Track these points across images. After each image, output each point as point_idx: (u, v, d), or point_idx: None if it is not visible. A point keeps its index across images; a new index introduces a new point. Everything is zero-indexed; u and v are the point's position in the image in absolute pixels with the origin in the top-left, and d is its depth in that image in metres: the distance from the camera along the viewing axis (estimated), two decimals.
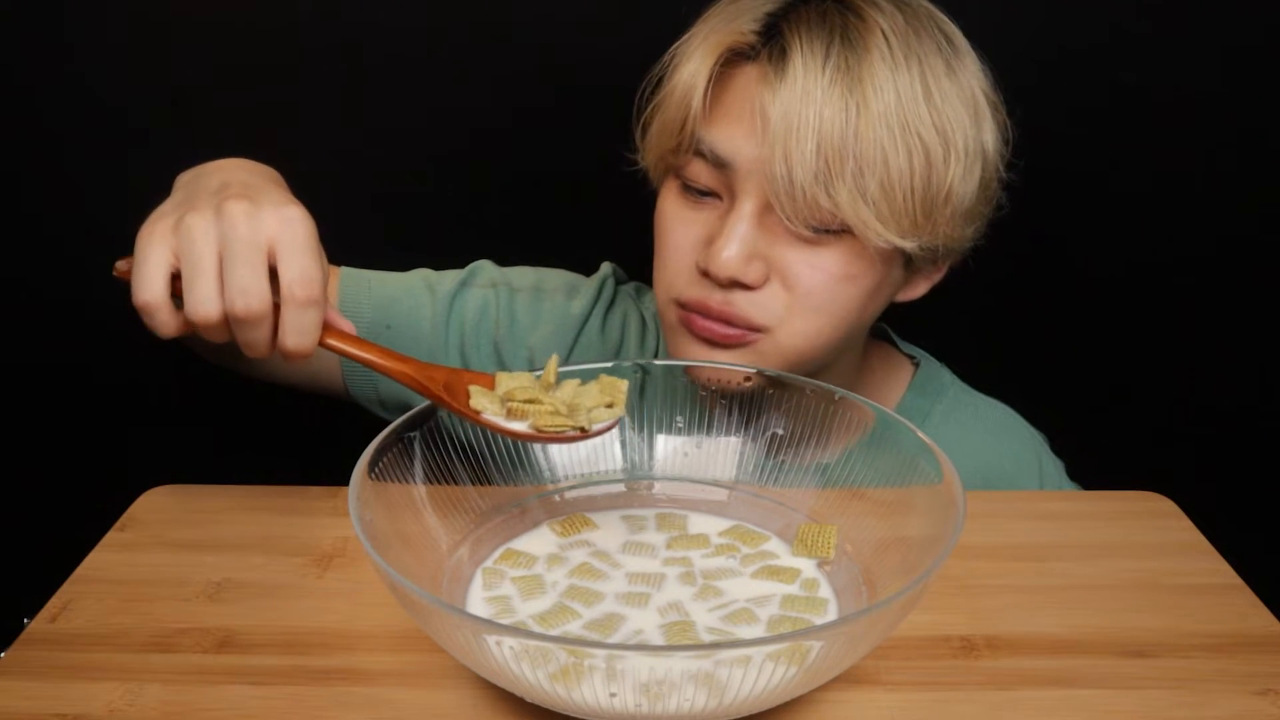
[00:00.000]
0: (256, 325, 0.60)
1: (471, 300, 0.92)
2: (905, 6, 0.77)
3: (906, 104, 0.73)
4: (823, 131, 0.72)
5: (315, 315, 0.61)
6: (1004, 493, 0.78)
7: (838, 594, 0.59)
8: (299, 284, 0.60)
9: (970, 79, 0.77)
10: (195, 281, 0.59)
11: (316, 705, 0.55)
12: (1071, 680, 0.57)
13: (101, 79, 1.09)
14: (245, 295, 0.59)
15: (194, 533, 0.68)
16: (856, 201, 0.72)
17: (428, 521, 0.60)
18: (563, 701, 0.48)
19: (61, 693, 0.55)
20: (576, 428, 0.63)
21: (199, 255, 0.59)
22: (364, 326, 0.88)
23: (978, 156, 0.76)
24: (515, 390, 0.64)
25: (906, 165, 0.73)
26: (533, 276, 0.95)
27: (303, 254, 0.60)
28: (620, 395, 0.66)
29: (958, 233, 0.78)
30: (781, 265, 0.75)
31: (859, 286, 0.76)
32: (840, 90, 0.72)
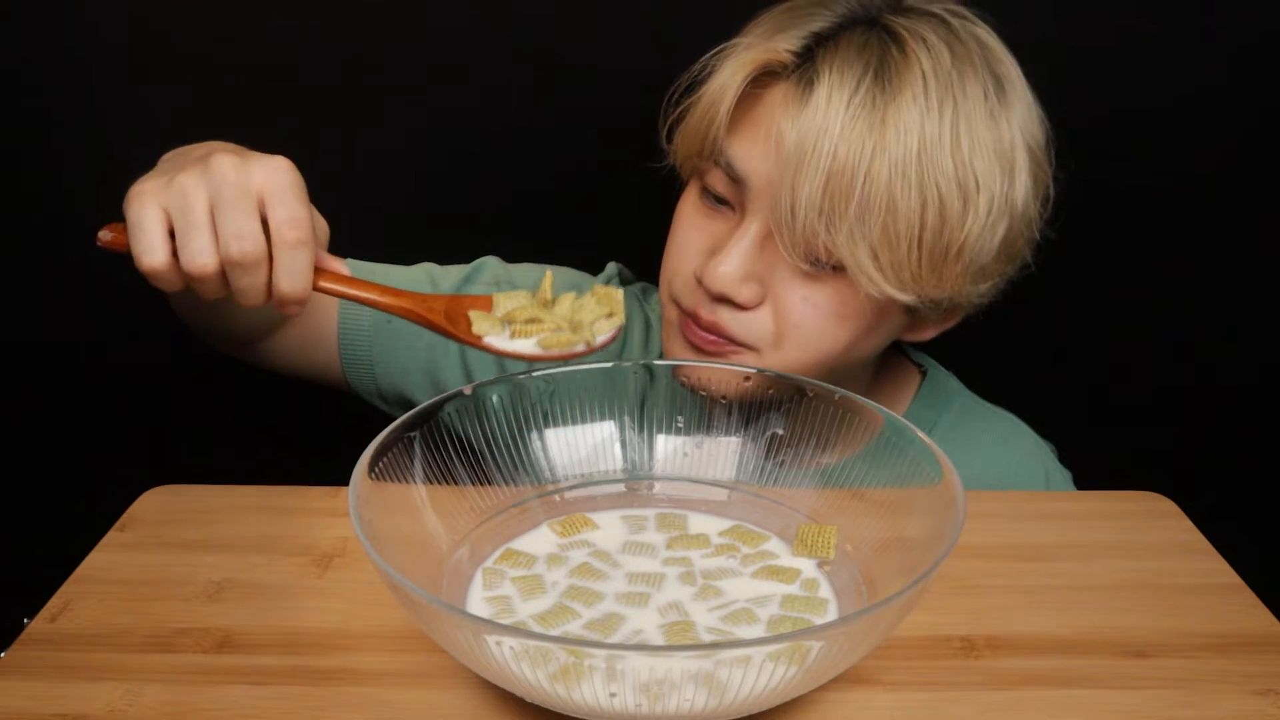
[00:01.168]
0: (252, 270, 0.61)
1: None
2: (958, 44, 0.74)
3: (930, 151, 0.70)
4: (834, 166, 0.70)
5: (306, 256, 0.61)
6: (1004, 493, 0.78)
7: (838, 594, 0.59)
8: (288, 225, 0.60)
9: (1013, 129, 0.74)
10: (190, 234, 0.60)
11: (316, 705, 0.55)
12: (1071, 680, 0.57)
13: (103, 82, 1.09)
14: (240, 239, 0.60)
15: (194, 533, 0.68)
16: (856, 244, 0.71)
17: (428, 521, 0.60)
18: (563, 701, 0.48)
19: (61, 693, 0.55)
20: (582, 342, 0.64)
21: (191, 208, 0.60)
22: (365, 321, 0.88)
23: (1003, 214, 0.73)
24: (515, 311, 0.64)
25: (917, 215, 0.71)
26: (537, 274, 0.95)
27: (291, 198, 0.61)
28: (618, 304, 0.67)
29: (968, 289, 0.75)
30: (776, 292, 0.75)
31: (850, 328, 0.76)
32: (861, 127, 0.70)
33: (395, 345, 0.89)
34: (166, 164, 0.66)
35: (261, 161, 0.61)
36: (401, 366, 0.90)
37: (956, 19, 0.76)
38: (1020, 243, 0.77)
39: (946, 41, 0.74)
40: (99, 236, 0.64)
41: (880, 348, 0.81)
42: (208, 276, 0.61)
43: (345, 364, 0.89)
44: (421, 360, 0.90)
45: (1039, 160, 0.76)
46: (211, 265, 0.60)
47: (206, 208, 0.60)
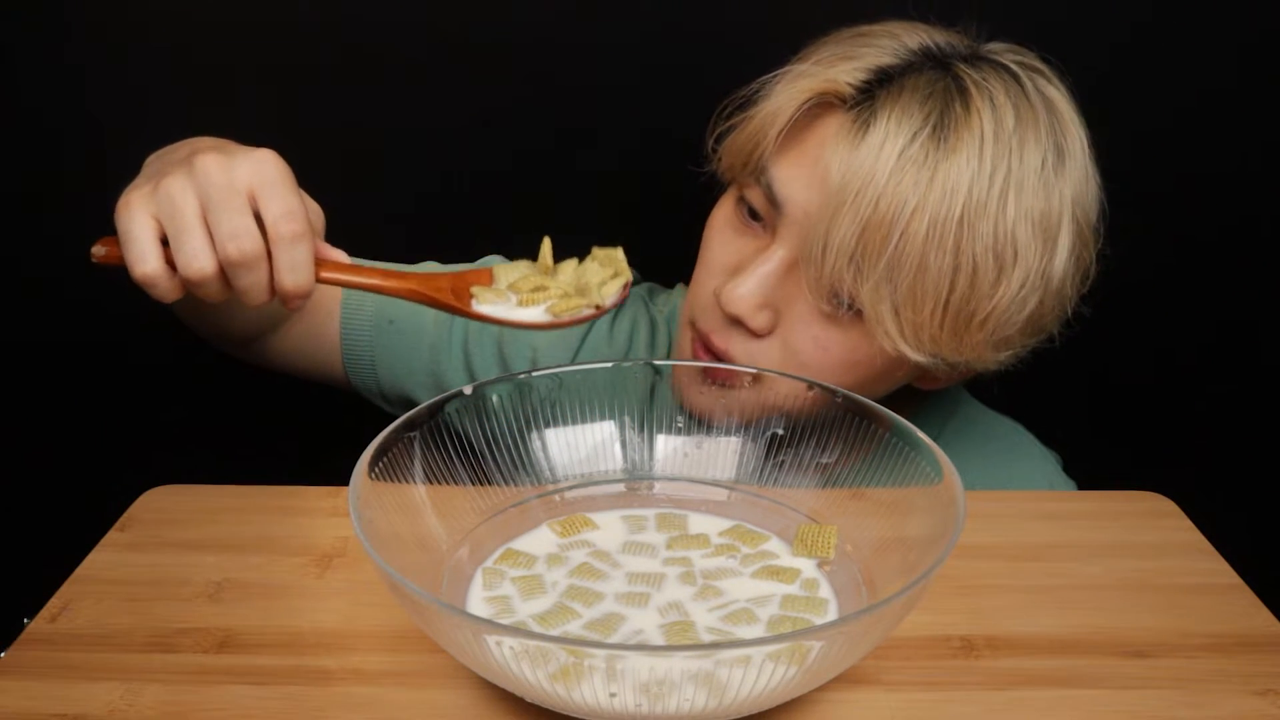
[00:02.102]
0: (252, 268, 0.60)
1: None
2: (1025, 105, 0.71)
3: (972, 215, 0.68)
4: (873, 216, 0.68)
5: (305, 249, 0.60)
6: (1004, 493, 0.78)
7: (838, 594, 0.59)
8: (284, 220, 0.59)
9: (1064, 199, 0.71)
10: (183, 238, 0.59)
11: (316, 705, 0.55)
12: (1071, 680, 0.57)
13: (105, 85, 1.09)
14: (236, 239, 0.59)
15: (194, 533, 0.68)
16: (880, 297, 0.70)
17: (428, 521, 0.60)
18: (563, 701, 0.48)
19: (61, 693, 0.55)
20: (592, 305, 0.64)
21: (181, 213, 0.59)
22: (367, 320, 0.88)
23: (1037, 288, 0.71)
24: (519, 281, 0.63)
25: (947, 280, 0.69)
26: None
27: (282, 191, 0.60)
28: (621, 263, 0.66)
29: (986, 355, 0.74)
30: (789, 326, 0.74)
31: (856, 375, 0.75)
32: (908, 181, 0.68)
33: (397, 345, 0.89)
34: (151, 168, 0.66)
35: (246, 155, 0.60)
36: (404, 366, 0.90)
37: (1030, 75, 0.73)
38: (1050, 317, 0.75)
39: (1014, 102, 0.71)
40: (93, 252, 0.63)
41: (884, 394, 0.79)
42: (207, 280, 0.60)
43: (347, 364, 0.89)
44: (424, 360, 0.90)
45: (1085, 237, 0.73)
46: (210, 268, 0.59)
47: (197, 210, 0.59)
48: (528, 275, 0.64)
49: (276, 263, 0.60)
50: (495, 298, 0.63)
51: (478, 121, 1.12)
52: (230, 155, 0.60)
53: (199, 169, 0.59)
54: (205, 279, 0.60)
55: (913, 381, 0.81)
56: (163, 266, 0.60)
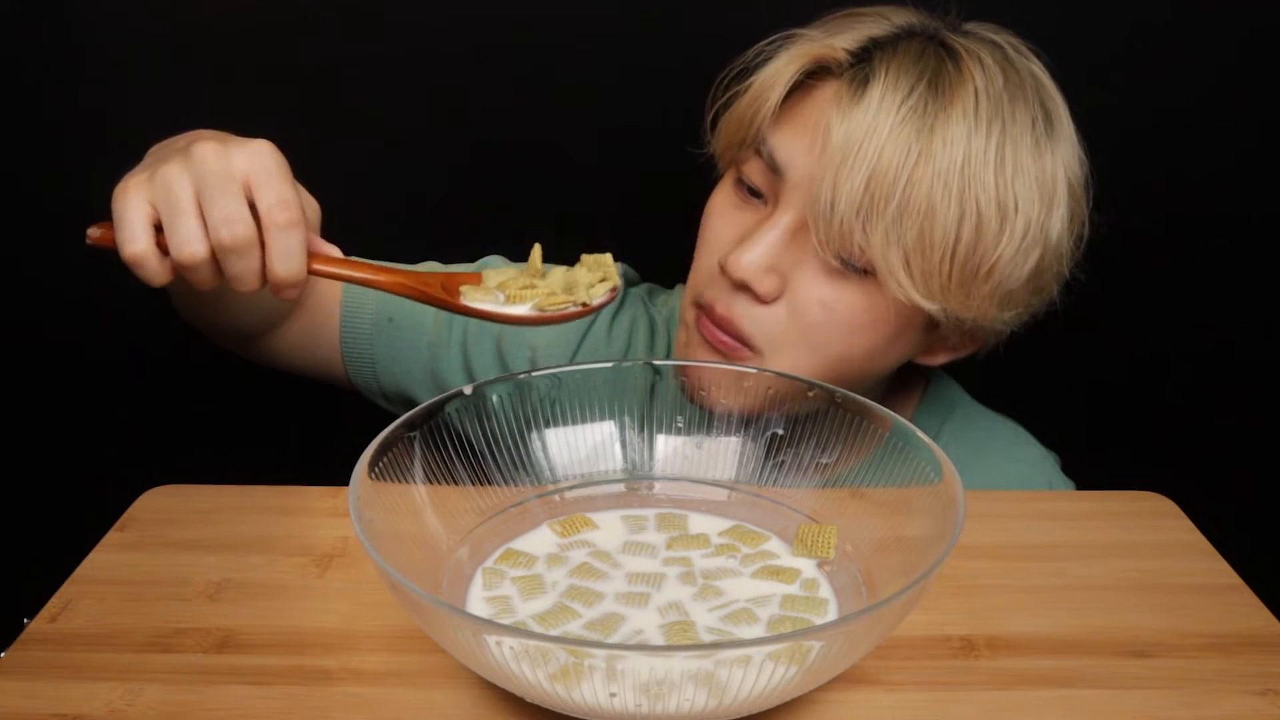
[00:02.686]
0: (243, 254, 0.60)
1: None
2: (1012, 71, 0.75)
3: (974, 166, 0.71)
4: (877, 166, 0.70)
5: (298, 237, 0.61)
6: (1004, 492, 0.78)
7: (838, 594, 0.59)
8: (277, 208, 0.60)
9: (1056, 163, 0.74)
10: (177, 222, 0.60)
11: (316, 705, 0.55)
12: (1071, 680, 0.57)
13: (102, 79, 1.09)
14: (229, 224, 0.59)
15: (194, 533, 0.68)
16: (889, 246, 0.71)
17: (428, 521, 0.60)
18: (563, 701, 0.48)
19: (61, 693, 0.55)
20: (579, 303, 0.65)
21: (176, 198, 0.59)
22: (367, 318, 0.88)
23: (1037, 242, 0.74)
24: (507, 281, 0.65)
25: (954, 227, 0.71)
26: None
27: (277, 180, 0.60)
28: (610, 268, 0.67)
29: (992, 312, 0.75)
30: (797, 289, 0.75)
31: (864, 338, 0.75)
32: (909, 132, 0.71)
33: (397, 344, 0.89)
34: (151, 158, 0.66)
35: (243, 145, 0.61)
36: (403, 366, 0.90)
37: (1013, 50, 0.76)
38: (1049, 275, 0.77)
39: (1001, 66, 0.74)
40: (88, 234, 0.64)
41: (891, 367, 0.80)
42: (198, 264, 0.60)
43: (347, 362, 0.89)
44: (424, 359, 0.90)
45: (1077, 198, 0.76)
46: (202, 252, 0.60)
47: (192, 196, 0.60)
48: (516, 277, 0.66)
49: (269, 250, 0.60)
50: (484, 295, 0.65)
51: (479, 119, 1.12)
52: (227, 144, 0.61)
53: (196, 156, 0.60)
54: (196, 263, 0.60)
55: (917, 357, 0.81)
56: (152, 247, 0.61)
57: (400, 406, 0.94)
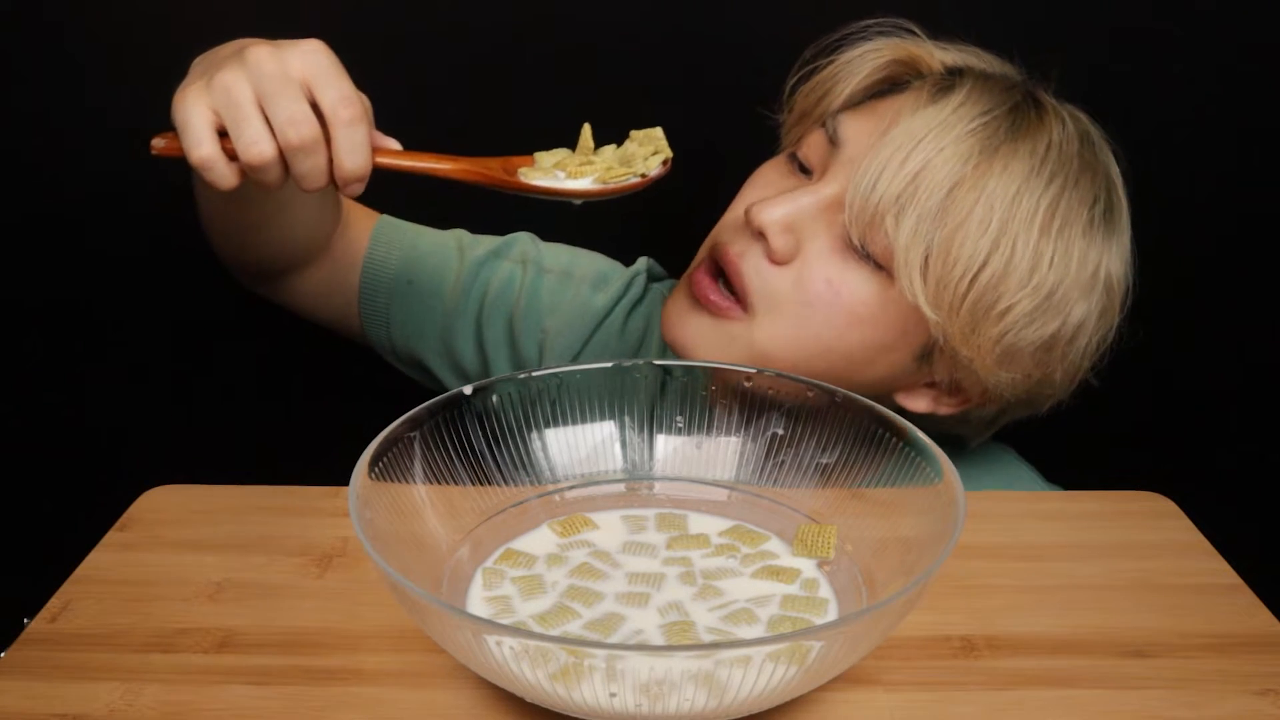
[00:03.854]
0: (311, 152, 0.62)
1: (499, 272, 0.92)
2: (1089, 147, 0.74)
3: (1023, 207, 0.70)
4: (931, 162, 0.70)
5: (363, 132, 0.62)
6: (1004, 493, 0.78)
7: (838, 594, 0.59)
8: (341, 104, 0.61)
9: (1104, 254, 0.73)
10: (243, 126, 0.61)
11: (316, 705, 0.55)
12: (1071, 680, 0.57)
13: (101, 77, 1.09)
14: (295, 124, 0.61)
15: (194, 533, 0.68)
16: (915, 241, 0.70)
17: (428, 521, 0.60)
18: (563, 701, 0.48)
19: (61, 693, 0.55)
20: (637, 174, 0.67)
21: (238, 102, 0.61)
22: (388, 278, 0.89)
23: (1059, 314, 0.72)
24: (564, 160, 0.67)
25: (983, 253, 0.70)
26: (566, 259, 0.95)
27: (335, 77, 0.62)
28: (662, 141, 0.69)
29: (990, 362, 0.73)
30: (808, 260, 0.74)
31: (857, 333, 0.75)
32: (973, 145, 0.71)
33: (413, 305, 0.89)
34: (199, 67, 0.67)
35: (295, 46, 0.62)
36: (417, 328, 0.90)
37: (1097, 135, 0.77)
38: (1058, 360, 0.75)
39: (1080, 137, 0.74)
40: (152, 144, 0.65)
41: (871, 384, 0.78)
42: (267, 164, 0.62)
43: (364, 317, 0.90)
44: (438, 325, 0.90)
45: (1114, 299, 0.75)
46: (270, 152, 0.61)
47: (253, 98, 0.61)
48: (571, 155, 0.68)
49: (336, 146, 0.62)
50: (542, 174, 0.67)
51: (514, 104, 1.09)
52: (280, 46, 0.62)
53: (251, 60, 0.61)
54: (265, 163, 0.62)
55: (898, 392, 0.79)
56: (219, 150, 0.62)
57: (410, 368, 0.95)
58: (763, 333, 0.75)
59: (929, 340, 0.75)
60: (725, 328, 0.76)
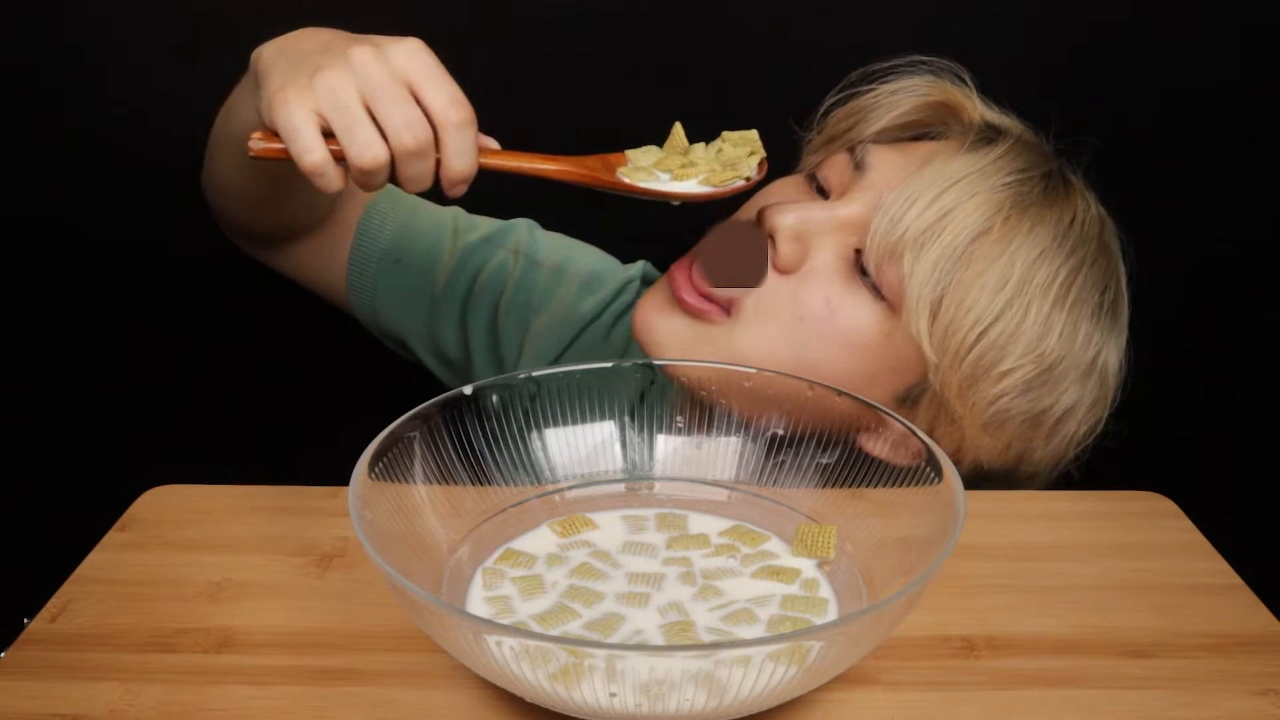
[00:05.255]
0: (424, 156, 0.62)
1: (490, 260, 0.91)
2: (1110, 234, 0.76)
3: (1041, 274, 0.70)
4: (960, 209, 0.70)
5: (472, 134, 0.62)
6: (1004, 492, 0.78)
7: (838, 594, 0.59)
8: (452, 106, 0.61)
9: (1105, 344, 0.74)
10: (354, 130, 0.60)
11: (316, 705, 0.55)
12: (1071, 680, 0.57)
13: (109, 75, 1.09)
14: (410, 129, 0.60)
15: (194, 533, 0.68)
16: (929, 282, 0.69)
17: (428, 521, 0.60)
18: (563, 701, 0.48)
19: (61, 693, 0.55)
20: (742, 177, 0.67)
21: (347, 105, 0.60)
22: (378, 252, 0.89)
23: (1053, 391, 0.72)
24: (664, 160, 0.67)
25: (995, 310, 0.69)
26: (561, 254, 0.94)
27: (442, 78, 0.62)
28: (756, 142, 0.69)
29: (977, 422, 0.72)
30: (811, 275, 0.73)
31: (845, 358, 0.73)
32: (1003, 202, 0.70)
33: (398, 286, 0.89)
34: (281, 63, 0.65)
35: (396, 45, 0.61)
36: (402, 309, 0.90)
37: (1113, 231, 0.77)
38: (1038, 443, 0.75)
39: (1100, 222, 0.75)
40: (250, 146, 0.64)
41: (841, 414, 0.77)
42: (380, 168, 0.61)
43: (351, 291, 0.90)
44: (423, 309, 0.90)
45: (1106, 391, 0.76)
46: (384, 157, 0.61)
47: (360, 101, 0.60)
48: (668, 155, 0.68)
49: (445, 149, 0.61)
50: (644, 176, 0.66)
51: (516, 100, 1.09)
52: (379, 46, 0.61)
53: (355, 61, 0.60)
54: (379, 167, 0.61)
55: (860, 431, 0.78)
56: (329, 155, 0.61)
57: (398, 347, 0.94)
58: (745, 339, 0.74)
59: (915, 384, 0.74)
60: (701, 329, 0.75)
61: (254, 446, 1.13)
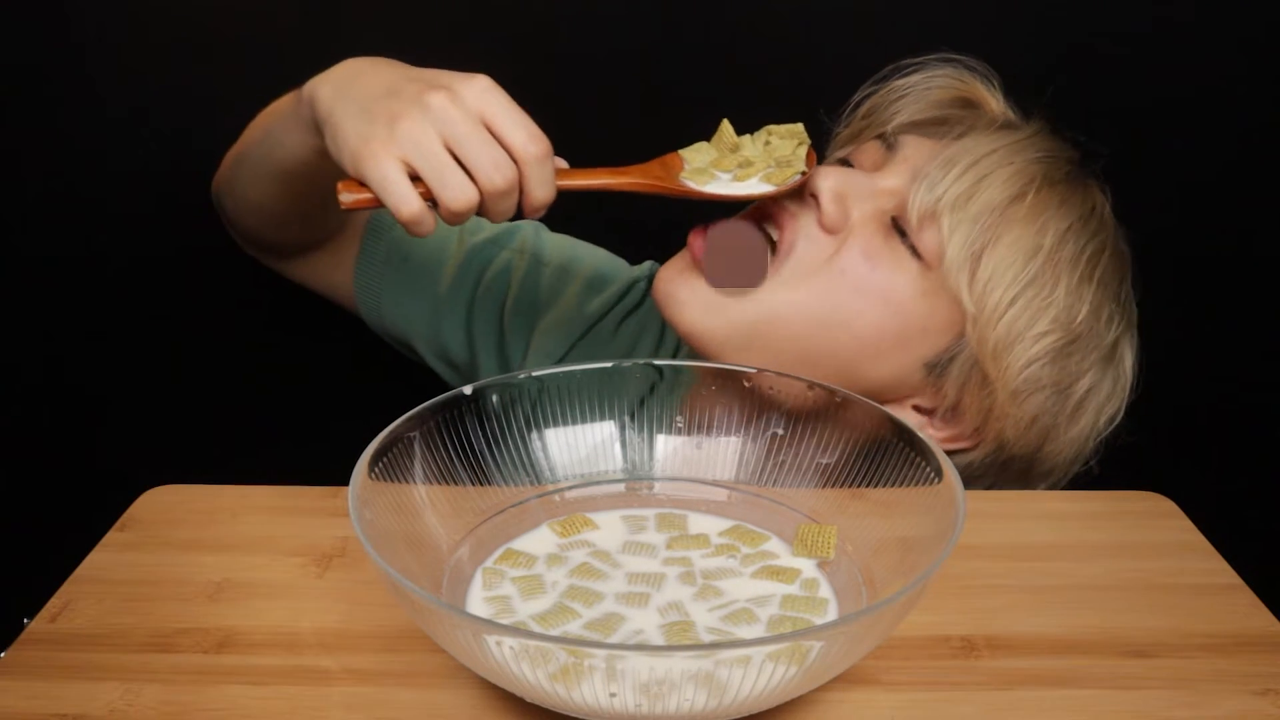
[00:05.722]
0: (512, 193, 0.64)
1: (496, 260, 0.92)
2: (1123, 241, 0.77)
3: (1069, 250, 0.72)
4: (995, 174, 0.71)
5: (551, 164, 0.64)
6: (1004, 492, 0.78)
7: (838, 594, 0.59)
8: (532, 142, 0.63)
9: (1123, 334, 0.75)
10: (445, 176, 0.62)
11: (316, 705, 0.55)
12: (1071, 680, 0.57)
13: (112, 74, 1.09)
14: (499, 169, 0.63)
15: (194, 533, 0.68)
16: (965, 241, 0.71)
17: (428, 521, 0.60)
18: (563, 701, 0.48)
19: (61, 693, 0.55)
20: (798, 172, 0.69)
21: (433, 153, 0.62)
22: (382, 255, 0.89)
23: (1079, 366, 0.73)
24: (720, 160, 0.69)
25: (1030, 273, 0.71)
26: (567, 253, 0.94)
27: (517, 113, 0.64)
28: (803, 134, 0.71)
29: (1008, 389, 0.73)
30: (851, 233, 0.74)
31: (879, 314, 0.74)
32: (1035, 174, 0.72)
33: (403, 287, 0.90)
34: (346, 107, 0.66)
35: (468, 86, 0.63)
36: (406, 311, 0.91)
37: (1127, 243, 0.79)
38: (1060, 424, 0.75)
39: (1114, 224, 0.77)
40: (341, 200, 0.66)
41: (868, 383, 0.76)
42: (472, 209, 0.63)
43: (358, 292, 0.91)
44: (428, 311, 0.90)
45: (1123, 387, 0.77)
46: (475, 198, 0.63)
47: (445, 148, 0.62)
48: (721, 155, 0.69)
49: (528, 182, 0.64)
50: (707, 179, 0.68)
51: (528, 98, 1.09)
52: (451, 90, 0.63)
53: (434, 107, 0.62)
54: (472, 209, 0.64)
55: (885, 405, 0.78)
56: (424, 205, 0.63)
57: (403, 349, 0.95)
58: (781, 296, 0.74)
59: (947, 349, 0.74)
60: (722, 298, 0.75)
61: (254, 446, 1.13)
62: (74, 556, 0.66)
